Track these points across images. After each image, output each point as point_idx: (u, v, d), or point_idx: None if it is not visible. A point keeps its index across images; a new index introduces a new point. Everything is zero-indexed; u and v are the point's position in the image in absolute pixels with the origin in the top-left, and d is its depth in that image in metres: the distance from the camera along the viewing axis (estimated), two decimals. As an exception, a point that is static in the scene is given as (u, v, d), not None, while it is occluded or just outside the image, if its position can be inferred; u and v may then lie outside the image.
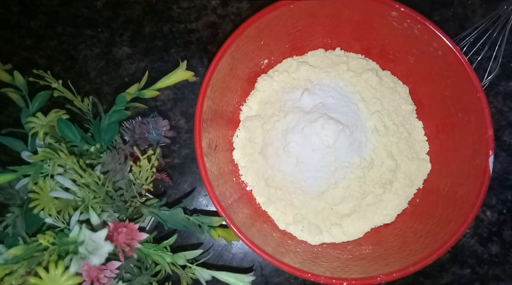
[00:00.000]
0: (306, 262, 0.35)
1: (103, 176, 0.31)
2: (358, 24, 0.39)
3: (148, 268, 0.32)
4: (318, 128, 0.37)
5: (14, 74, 0.36)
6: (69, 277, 0.27)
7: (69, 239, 0.29)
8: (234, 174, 0.41)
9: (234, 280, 0.34)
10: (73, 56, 0.46)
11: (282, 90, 0.41)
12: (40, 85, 0.33)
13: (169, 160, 0.44)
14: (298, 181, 0.38)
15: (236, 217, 0.35)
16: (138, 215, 0.34)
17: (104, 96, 0.45)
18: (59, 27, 0.46)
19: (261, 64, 0.41)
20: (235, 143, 0.42)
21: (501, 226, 0.42)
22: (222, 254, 0.42)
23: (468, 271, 0.42)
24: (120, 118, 0.35)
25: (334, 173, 0.38)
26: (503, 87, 0.45)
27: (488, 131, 0.34)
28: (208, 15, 0.46)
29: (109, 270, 0.28)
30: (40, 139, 0.33)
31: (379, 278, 0.32)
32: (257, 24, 0.35)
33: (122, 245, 0.29)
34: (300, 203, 0.39)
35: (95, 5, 0.46)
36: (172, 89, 0.45)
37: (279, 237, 0.38)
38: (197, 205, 0.43)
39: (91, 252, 0.28)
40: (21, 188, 0.32)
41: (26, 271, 0.27)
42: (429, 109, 0.41)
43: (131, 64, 0.45)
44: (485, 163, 0.33)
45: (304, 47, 0.42)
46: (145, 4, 0.46)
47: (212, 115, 0.37)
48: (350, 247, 0.39)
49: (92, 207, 0.30)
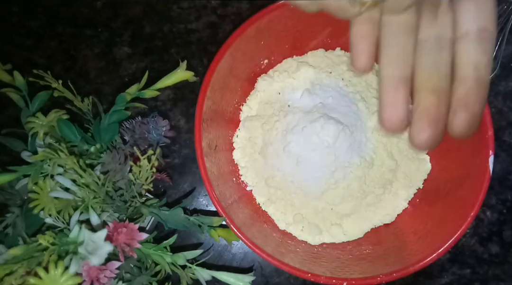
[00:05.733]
0: (306, 262, 0.35)
1: (103, 176, 0.31)
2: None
3: (148, 268, 0.32)
4: (318, 128, 0.37)
5: (14, 74, 0.36)
6: (69, 277, 0.27)
7: (69, 239, 0.29)
8: (234, 174, 0.41)
9: (234, 280, 0.34)
10: (73, 56, 0.46)
11: (282, 90, 0.41)
12: (40, 85, 0.33)
13: (169, 160, 0.44)
14: (298, 181, 0.38)
15: (236, 217, 0.35)
16: (138, 215, 0.34)
17: (104, 96, 0.45)
18: (59, 27, 0.46)
19: (261, 64, 0.41)
20: (235, 143, 0.42)
21: (501, 226, 0.42)
22: (222, 254, 0.42)
23: (468, 271, 0.42)
24: (120, 118, 0.35)
25: (334, 173, 0.38)
26: (503, 87, 0.45)
27: (488, 131, 0.34)
28: (208, 15, 0.46)
29: (109, 270, 0.28)
30: (40, 139, 0.33)
31: (379, 278, 0.32)
32: (257, 24, 0.35)
33: (122, 245, 0.29)
34: (300, 203, 0.39)
35: (95, 5, 0.46)
36: (172, 89, 0.45)
37: (279, 237, 0.38)
38: (197, 205, 0.43)
39: (91, 252, 0.28)
40: (21, 188, 0.32)
41: (26, 271, 0.27)
42: (429, 109, 0.41)
43: (131, 64, 0.45)
44: (485, 163, 0.33)
45: (304, 47, 0.42)
46: (145, 4, 0.46)
47: (212, 115, 0.37)
48: (350, 247, 0.39)
49: (92, 207, 0.30)
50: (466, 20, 0.20)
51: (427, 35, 0.20)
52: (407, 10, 0.20)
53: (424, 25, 0.21)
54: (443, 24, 0.20)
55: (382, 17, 0.21)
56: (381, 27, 0.21)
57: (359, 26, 0.21)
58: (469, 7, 0.20)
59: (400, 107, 0.20)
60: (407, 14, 0.20)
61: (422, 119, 0.20)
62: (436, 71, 0.20)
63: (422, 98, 0.20)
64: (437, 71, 0.20)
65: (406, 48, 0.21)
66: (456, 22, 0.20)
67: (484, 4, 0.20)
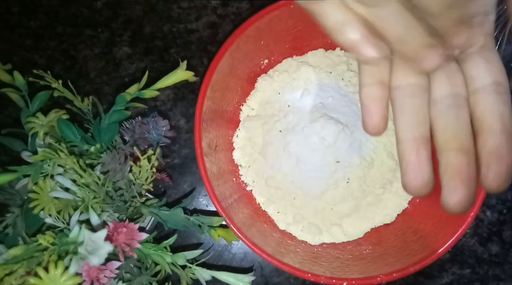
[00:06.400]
0: (306, 262, 0.35)
1: (103, 176, 0.31)
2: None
3: (148, 268, 0.32)
4: (318, 128, 0.37)
5: (14, 74, 0.36)
6: (69, 277, 0.27)
7: (69, 239, 0.29)
8: (234, 174, 0.41)
9: (234, 280, 0.34)
10: (73, 56, 0.46)
11: (282, 90, 0.41)
12: (40, 85, 0.33)
13: (169, 160, 0.44)
14: (298, 181, 0.38)
15: (236, 217, 0.35)
16: (138, 215, 0.34)
17: (104, 96, 0.45)
18: (59, 27, 0.46)
19: (261, 64, 0.41)
20: (235, 143, 0.42)
21: (501, 226, 0.42)
22: (222, 254, 0.42)
23: (468, 271, 0.42)
24: (120, 118, 0.35)
25: (334, 173, 0.38)
26: (503, 87, 0.45)
27: (488, 131, 0.34)
28: (208, 15, 0.46)
29: (109, 270, 0.28)
30: (40, 139, 0.33)
31: (379, 278, 0.32)
32: (257, 24, 0.35)
33: (122, 245, 0.29)
34: (300, 203, 0.39)
35: (95, 5, 0.46)
36: (172, 89, 0.45)
37: (279, 237, 0.38)
38: (197, 205, 0.43)
39: (91, 252, 0.28)
40: (21, 188, 0.32)
41: (26, 271, 0.27)
42: (429, 109, 0.41)
43: (131, 64, 0.45)
44: (485, 163, 0.33)
45: (304, 47, 0.42)
46: (145, 4, 0.46)
47: (212, 115, 0.37)
48: (350, 247, 0.39)
49: (92, 207, 0.30)
50: (479, 74, 0.20)
51: (441, 94, 0.20)
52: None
53: (436, 85, 0.20)
54: (455, 83, 0.20)
55: (392, 79, 0.21)
56: (393, 90, 0.21)
57: (370, 88, 0.21)
58: (479, 62, 0.20)
59: (424, 169, 0.20)
60: (418, 76, 0.20)
61: (456, 179, 0.19)
62: (460, 129, 0.20)
63: (451, 158, 0.19)
64: (461, 130, 0.20)
65: (421, 109, 0.20)
66: (468, 78, 0.20)
67: (493, 58, 0.20)
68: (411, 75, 0.20)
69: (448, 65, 0.20)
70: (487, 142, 0.19)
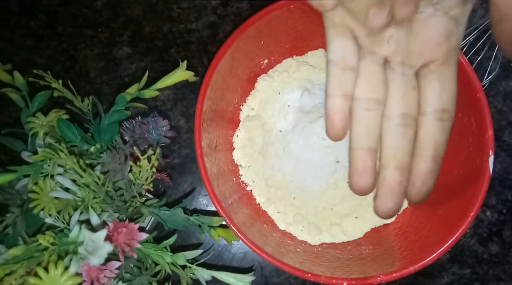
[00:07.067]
0: (306, 262, 0.35)
1: (103, 176, 0.31)
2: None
3: (148, 268, 0.32)
4: (318, 128, 0.37)
5: (14, 74, 0.36)
6: (69, 277, 0.27)
7: (69, 239, 0.29)
8: (234, 174, 0.41)
9: (234, 280, 0.34)
10: (73, 56, 0.46)
11: (282, 90, 0.41)
12: (40, 85, 0.33)
13: (169, 160, 0.44)
14: (298, 181, 0.38)
15: (236, 217, 0.35)
16: (138, 215, 0.34)
17: (104, 96, 0.45)
18: (59, 27, 0.46)
19: (261, 64, 0.41)
20: (235, 143, 0.42)
21: (501, 226, 0.42)
22: (222, 254, 0.42)
23: (468, 271, 0.42)
24: (120, 118, 0.35)
25: (334, 173, 0.38)
26: (503, 87, 0.45)
27: (488, 132, 0.34)
28: (208, 15, 0.46)
29: (109, 270, 0.28)
30: (40, 139, 0.33)
31: (379, 278, 0.32)
32: (257, 24, 0.35)
33: (122, 245, 0.29)
34: (300, 203, 0.39)
35: (95, 5, 0.46)
36: (172, 89, 0.45)
37: (279, 237, 0.38)
38: (197, 205, 0.43)
39: (91, 252, 0.28)
40: (21, 188, 0.32)
41: (26, 271, 0.27)
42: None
43: (131, 64, 0.45)
44: (485, 163, 0.33)
45: (304, 47, 0.42)
46: (145, 4, 0.46)
47: (212, 115, 0.37)
48: (350, 247, 0.39)
49: (92, 207, 0.30)
50: (431, 99, 0.23)
51: (393, 112, 0.23)
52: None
53: (391, 102, 0.23)
54: (408, 102, 0.23)
55: (354, 90, 0.23)
56: (353, 101, 0.23)
57: (334, 99, 0.23)
58: (434, 86, 0.22)
59: (368, 176, 0.23)
60: (377, 90, 0.23)
61: (387, 194, 0.23)
62: (401, 149, 0.23)
63: (387, 176, 0.23)
64: (402, 149, 0.23)
65: (373, 122, 0.23)
66: (421, 98, 0.23)
67: (448, 85, 0.22)
68: (369, 90, 0.23)
69: (408, 81, 0.23)
70: (418, 164, 0.23)
